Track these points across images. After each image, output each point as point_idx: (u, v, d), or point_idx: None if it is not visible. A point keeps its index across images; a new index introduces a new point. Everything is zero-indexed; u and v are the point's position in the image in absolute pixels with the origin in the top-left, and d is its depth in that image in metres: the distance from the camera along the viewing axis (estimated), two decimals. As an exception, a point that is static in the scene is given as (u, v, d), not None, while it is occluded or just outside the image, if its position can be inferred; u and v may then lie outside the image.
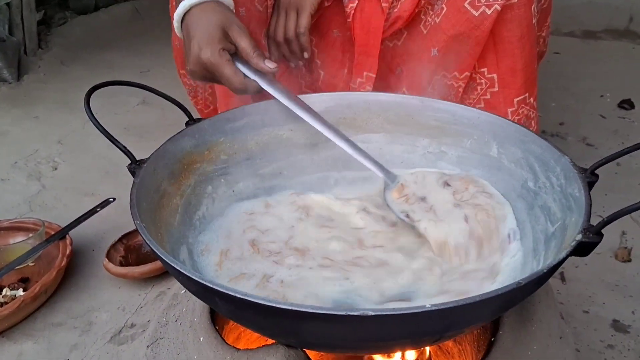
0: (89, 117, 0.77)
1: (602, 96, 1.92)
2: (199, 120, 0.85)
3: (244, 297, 0.51)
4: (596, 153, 1.56)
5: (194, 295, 0.62)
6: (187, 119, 0.86)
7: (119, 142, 0.76)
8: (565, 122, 1.75)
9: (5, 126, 1.91)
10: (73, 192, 1.52)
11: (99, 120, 0.77)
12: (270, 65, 0.92)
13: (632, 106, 1.81)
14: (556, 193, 0.71)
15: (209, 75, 0.96)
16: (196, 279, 0.54)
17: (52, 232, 1.20)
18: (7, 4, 2.22)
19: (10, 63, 2.22)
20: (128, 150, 0.74)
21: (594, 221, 0.58)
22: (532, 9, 1.11)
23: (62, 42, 2.51)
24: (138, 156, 0.74)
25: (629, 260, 1.15)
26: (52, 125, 1.91)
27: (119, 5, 2.88)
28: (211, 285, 0.53)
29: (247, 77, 0.92)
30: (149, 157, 0.74)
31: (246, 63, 0.93)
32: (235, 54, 0.95)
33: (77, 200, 1.48)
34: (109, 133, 0.76)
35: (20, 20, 2.31)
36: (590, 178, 0.68)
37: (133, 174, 0.71)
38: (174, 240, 0.73)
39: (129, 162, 0.73)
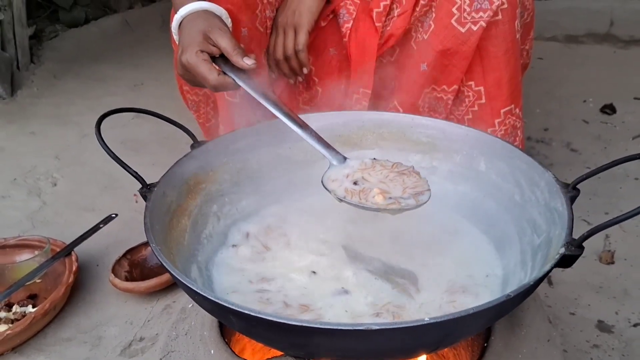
0: (100, 144, 0.81)
1: (584, 101, 1.98)
2: (203, 142, 0.90)
3: (257, 315, 0.56)
4: (580, 158, 1.62)
5: (209, 312, 0.67)
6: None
7: (130, 167, 0.80)
8: (549, 127, 1.81)
9: (2, 142, 1.94)
10: (73, 208, 1.56)
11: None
12: (248, 61, 0.96)
13: (613, 111, 1.88)
14: (541, 207, 0.77)
15: (191, 76, 1.01)
16: (213, 299, 0.58)
17: (57, 249, 1.24)
18: (-1, 20, 2.25)
19: (4, 78, 2.24)
20: (139, 175, 0.78)
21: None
22: (516, 24, 1.16)
23: (54, 55, 2.54)
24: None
25: (612, 263, 1.21)
26: (49, 140, 1.94)
27: (109, 17, 2.91)
28: (227, 305, 0.57)
29: (225, 74, 0.96)
30: (159, 181, 0.78)
31: (228, 62, 0.98)
32: (221, 56, 0.99)
33: (78, 216, 1.51)
34: (120, 159, 0.80)
35: (12, 35, 2.34)
36: (572, 193, 0.73)
37: (145, 197, 0.76)
38: (184, 259, 0.77)
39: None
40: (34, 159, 1.82)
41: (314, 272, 0.81)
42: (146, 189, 0.77)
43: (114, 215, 1.36)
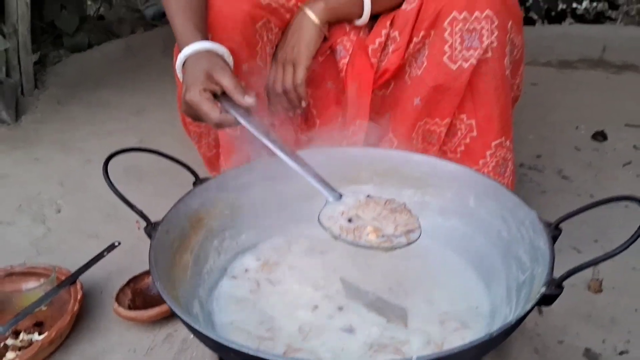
0: (107, 184, 0.85)
1: (577, 127, 2.03)
2: (205, 179, 0.94)
3: (256, 355, 0.60)
4: (571, 186, 1.66)
5: (210, 349, 0.70)
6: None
7: (135, 207, 0.84)
8: (542, 154, 1.86)
9: (7, 168, 1.98)
10: (77, 234, 1.60)
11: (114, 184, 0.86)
12: (248, 99, 1.02)
13: (605, 138, 1.92)
14: (526, 244, 0.81)
15: (194, 113, 1.05)
16: (214, 338, 0.62)
17: (63, 277, 1.27)
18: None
19: (8, 104, 2.29)
20: (144, 215, 0.83)
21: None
22: (505, 61, 1.21)
23: (57, 81, 2.60)
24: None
25: (600, 291, 1.25)
26: (53, 167, 1.98)
27: (111, 42, 2.97)
28: (228, 344, 0.61)
29: (226, 112, 1.01)
30: (162, 220, 0.82)
31: (230, 99, 1.03)
32: (223, 93, 1.04)
33: (82, 243, 1.55)
34: (126, 199, 0.84)
35: (17, 62, 2.40)
36: (554, 232, 0.77)
37: (149, 235, 0.80)
38: (186, 294, 0.81)
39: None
40: (39, 186, 1.86)
41: (313, 307, 0.85)
42: (151, 227, 0.81)
43: (116, 244, 1.39)
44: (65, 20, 2.74)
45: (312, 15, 1.27)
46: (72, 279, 1.26)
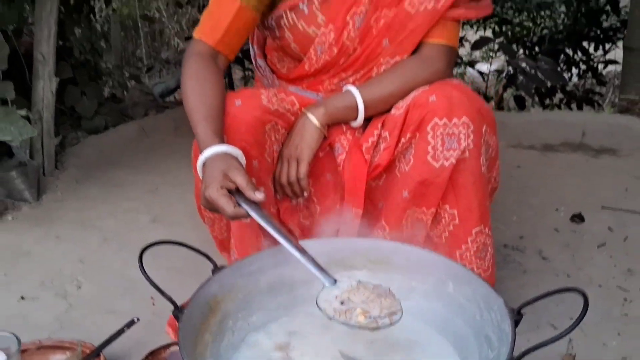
0: (143, 275, 1.00)
1: (557, 209, 2.20)
2: (222, 267, 1.10)
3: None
4: (550, 266, 1.82)
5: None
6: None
7: (165, 292, 0.99)
8: (524, 235, 2.02)
9: (29, 246, 2.13)
10: (97, 310, 1.73)
11: (146, 270, 1.01)
12: (259, 195, 1.19)
13: (582, 220, 2.09)
14: (495, 326, 0.96)
15: (212, 207, 1.22)
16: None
17: (87, 351, 1.41)
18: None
19: (31, 184, 2.47)
20: (173, 300, 0.98)
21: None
22: (481, 160, 1.39)
23: (76, 162, 2.78)
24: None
25: (574, 365, 1.38)
26: (72, 244, 2.13)
27: (127, 124, 3.18)
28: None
29: (239, 206, 1.18)
30: (188, 304, 0.98)
31: (242, 195, 1.20)
32: (237, 190, 1.21)
33: (102, 317, 1.69)
34: (159, 287, 1.00)
35: (40, 145, 2.59)
36: (516, 317, 0.92)
37: (177, 318, 0.95)
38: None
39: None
40: (60, 262, 2.00)
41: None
42: (178, 311, 0.96)
43: (136, 320, 1.53)
44: (85, 105, 2.97)
45: (313, 119, 1.47)
46: (96, 352, 1.40)
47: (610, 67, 4.95)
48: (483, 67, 5.09)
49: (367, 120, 1.52)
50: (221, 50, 1.48)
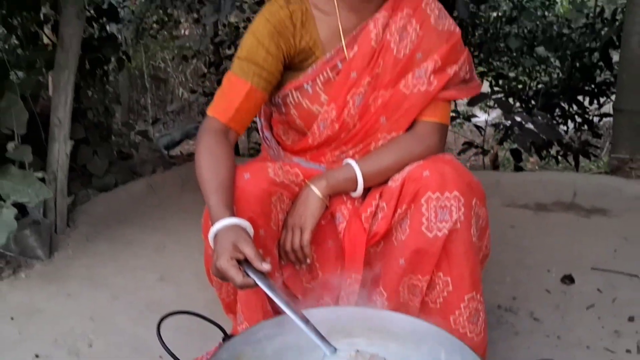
0: (161, 344, 1.10)
1: (548, 270, 2.29)
2: (231, 336, 1.19)
3: None
4: (541, 327, 1.90)
5: None
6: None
7: (177, 358, 1.09)
8: (517, 296, 2.11)
9: (42, 303, 2.22)
10: (108, 368, 1.82)
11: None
12: (266, 266, 1.30)
13: (572, 281, 2.18)
14: (481, 393, 1.05)
15: (223, 276, 1.33)
16: None
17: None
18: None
19: (44, 243, 2.57)
20: (187, 367, 1.07)
21: None
22: (472, 231, 1.50)
23: (86, 219, 2.89)
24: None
25: None
26: (83, 302, 2.22)
27: (135, 182, 3.30)
28: None
29: (247, 275, 1.28)
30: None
31: (250, 265, 1.30)
32: (245, 260, 1.32)
33: (112, 376, 1.77)
34: (173, 354, 1.09)
35: (53, 204, 2.70)
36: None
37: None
38: None
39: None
40: (71, 320, 2.09)
41: None
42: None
43: (146, 379, 1.62)
44: (96, 164, 3.09)
45: (316, 191, 1.58)
46: (109, 412, 1.48)
47: (606, 119, 5.08)
48: (481, 116, 5.22)
49: (366, 190, 1.64)
50: (232, 126, 1.61)
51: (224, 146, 1.56)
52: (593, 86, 4.98)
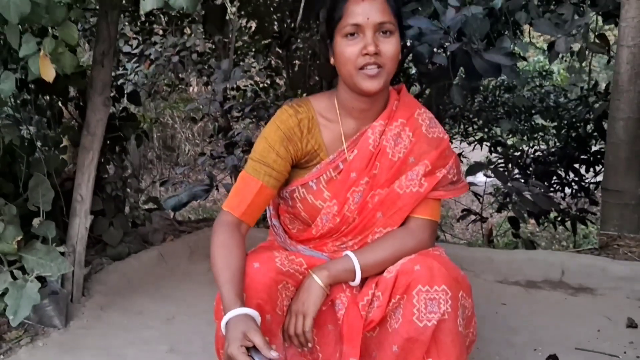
0: None
1: (535, 349, 2.43)
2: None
3: None
4: (525, 409, 2.04)
5: None
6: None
7: None
8: (505, 376, 2.25)
9: (59, 373, 2.36)
10: None
11: None
12: (273, 354, 1.46)
13: (556, 361, 2.33)
14: None
15: None
16: None
17: None
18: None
19: (61, 312, 2.73)
20: None
21: None
22: (458, 321, 1.67)
23: (100, 288, 3.04)
24: None
25: None
26: (97, 372, 2.37)
27: (147, 251, 3.47)
28: None
29: None
30: None
31: (258, 352, 1.47)
32: (254, 347, 1.49)
33: None
34: None
35: (71, 275, 2.87)
36: None
37: None
38: None
39: None
40: (87, 392, 2.23)
41: None
42: None
43: None
44: (112, 235, 3.28)
45: (318, 280, 1.76)
46: None
47: (602, 187, 5.23)
48: (479, 176, 5.36)
49: (364, 278, 1.82)
50: (244, 219, 1.80)
51: (236, 239, 1.75)
52: (589, 154, 5.17)
